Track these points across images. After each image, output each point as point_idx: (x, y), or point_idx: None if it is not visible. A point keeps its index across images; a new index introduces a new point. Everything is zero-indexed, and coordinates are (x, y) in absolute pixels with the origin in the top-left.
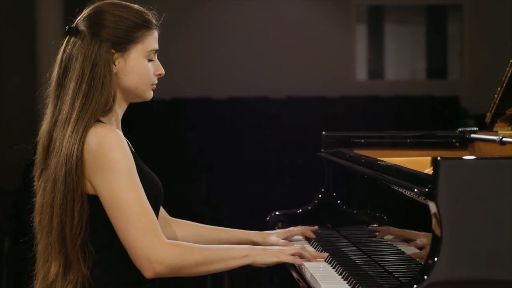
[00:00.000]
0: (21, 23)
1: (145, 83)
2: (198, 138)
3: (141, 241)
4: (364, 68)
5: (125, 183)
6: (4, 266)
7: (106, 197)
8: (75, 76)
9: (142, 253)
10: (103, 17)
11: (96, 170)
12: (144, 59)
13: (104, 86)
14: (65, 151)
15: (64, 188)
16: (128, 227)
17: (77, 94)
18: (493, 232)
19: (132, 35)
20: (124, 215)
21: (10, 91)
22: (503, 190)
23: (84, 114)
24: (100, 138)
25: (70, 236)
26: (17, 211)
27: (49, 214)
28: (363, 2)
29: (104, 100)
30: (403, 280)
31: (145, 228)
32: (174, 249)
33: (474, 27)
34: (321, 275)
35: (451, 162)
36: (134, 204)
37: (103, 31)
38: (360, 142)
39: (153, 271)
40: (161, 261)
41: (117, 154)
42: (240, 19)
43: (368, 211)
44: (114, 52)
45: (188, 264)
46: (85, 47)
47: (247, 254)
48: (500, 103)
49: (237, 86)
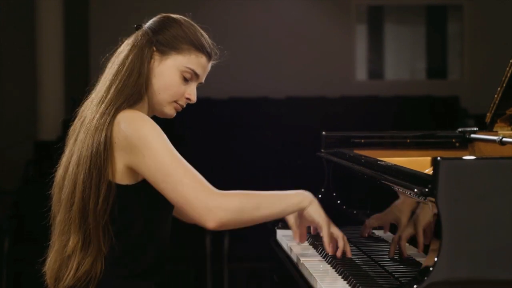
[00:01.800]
0: (21, 23)
1: (168, 94)
2: (198, 138)
3: (193, 193)
4: (364, 68)
5: (160, 148)
6: (4, 266)
7: (147, 169)
8: (119, 59)
9: (199, 203)
10: (168, 21)
11: (132, 150)
12: (177, 72)
13: (141, 76)
14: (94, 129)
15: (90, 164)
16: (176, 185)
17: (116, 77)
18: (493, 232)
19: (177, 43)
20: (168, 175)
21: (10, 91)
22: (503, 190)
23: (118, 98)
24: (129, 119)
25: (94, 214)
26: (17, 211)
27: (71, 189)
28: (363, 2)
29: (138, 90)
30: (403, 280)
31: (193, 180)
32: (229, 195)
33: (474, 27)
34: (321, 275)
35: (451, 162)
36: (175, 163)
37: (158, 30)
38: (360, 142)
39: (215, 218)
40: (220, 205)
41: (147, 127)
42: (240, 19)
43: (368, 212)
44: (155, 50)
45: (248, 206)
46: (138, 38)
47: (301, 201)
48: (500, 103)
49: (237, 86)
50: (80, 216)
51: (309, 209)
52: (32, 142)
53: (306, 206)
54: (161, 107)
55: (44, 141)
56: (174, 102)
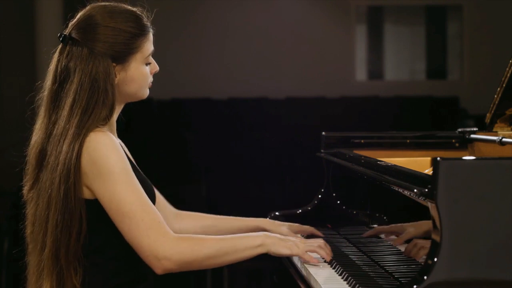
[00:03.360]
0: (21, 23)
1: (144, 87)
2: (197, 138)
3: (146, 241)
4: (364, 69)
5: (124, 185)
6: (4, 267)
7: (107, 202)
8: (72, 90)
9: (150, 252)
10: (98, 30)
11: (94, 177)
12: (143, 65)
13: (105, 101)
14: (61, 168)
15: (61, 206)
16: (132, 228)
17: (75, 110)
18: (493, 232)
19: (131, 47)
20: (126, 217)
21: (10, 91)
22: (503, 190)
23: (81, 129)
24: (94, 144)
25: (65, 254)
26: (17, 212)
27: (43, 231)
28: (362, 3)
29: (104, 115)
30: (403, 281)
31: (149, 227)
32: (182, 243)
33: (474, 28)
34: (321, 276)
35: (451, 163)
36: (135, 205)
37: (100, 46)
38: (360, 142)
39: (162, 268)
40: (169, 257)
41: (112, 157)
42: (240, 19)
43: (368, 212)
44: (115, 65)
45: (198, 258)
46: (83, 61)
47: (262, 243)
48: (499, 103)
49: (236, 86)
50: (52, 259)
51: (274, 249)
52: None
53: (268, 249)
54: (141, 97)
55: None
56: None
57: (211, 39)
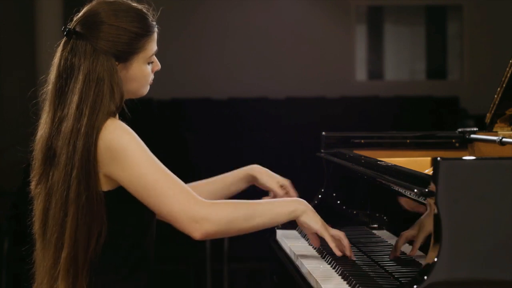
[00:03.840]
0: (21, 23)
1: (145, 85)
2: (197, 138)
3: (178, 206)
4: (364, 69)
5: (142, 160)
6: (4, 267)
7: (129, 182)
8: (78, 88)
9: (185, 216)
10: (102, 28)
11: (110, 161)
12: (145, 65)
13: (112, 98)
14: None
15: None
16: (161, 198)
17: (83, 109)
18: (493, 232)
19: (134, 46)
20: (152, 189)
21: (9, 91)
22: (503, 190)
23: (92, 129)
24: (111, 131)
25: (84, 256)
26: (17, 212)
27: (58, 233)
28: (362, 3)
29: (112, 111)
30: (403, 281)
31: (178, 192)
32: (217, 205)
33: (474, 28)
34: (321, 275)
35: (451, 163)
36: (157, 175)
37: (103, 44)
38: (360, 142)
39: (202, 231)
40: (207, 217)
41: (124, 137)
42: (240, 19)
43: (368, 212)
44: (118, 64)
45: (236, 217)
46: (87, 58)
47: (295, 209)
48: (500, 103)
49: (237, 86)
50: (70, 262)
51: (303, 217)
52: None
53: (299, 215)
54: (141, 94)
55: None
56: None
57: (211, 39)
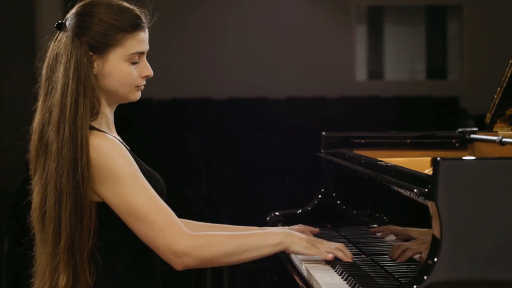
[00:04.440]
0: (21, 23)
1: (126, 86)
2: (198, 138)
3: (162, 241)
4: (364, 69)
5: (133, 188)
6: (4, 267)
7: (118, 206)
8: (61, 76)
9: (168, 251)
10: (86, 18)
11: (102, 181)
12: (125, 62)
13: (87, 89)
14: (68, 160)
15: (73, 200)
16: (147, 230)
17: (65, 97)
18: (493, 232)
19: (110, 39)
20: (139, 220)
21: (9, 91)
22: (503, 190)
23: (75, 119)
24: (98, 150)
25: (80, 248)
26: (17, 212)
27: (54, 223)
28: (362, 3)
29: (90, 104)
30: (403, 281)
31: (164, 227)
32: (200, 239)
33: (474, 28)
34: (320, 275)
35: (451, 163)
36: (147, 207)
37: (83, 33)
38: (360, 142)
39: (182, 264)
40: (188, 253)
41: (118, 161)
42: (240, 19)
43: (368, 212)
44: (92, 54)
45: (217, 254)
46: (68, 48)
47: (281, 242)
48: (500, 103)
49: (237, 86)
50: (68, 252)
51: (293, 248)
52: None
53: (287, 246)
54: (126, 97)
55: None
56: (135, 87)
57: (211, 39)
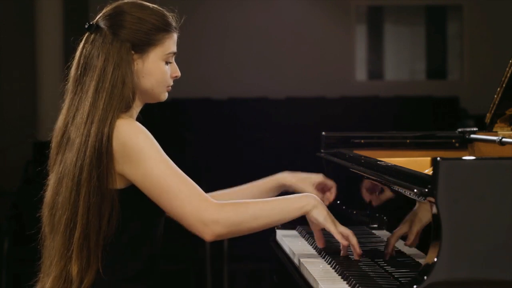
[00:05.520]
0: (21, 23)
1: (162, 85)
2: (197, 138)
3: (189, 209)
4: (364, 69)
5: (155, 160)
6: (4, 267)
7: (141, 181)
8: (96, 75)
9: (195, 219)
10: (123, 17)
11: (125, 160)
12: (162, 62)
13: (126, 85)
14: (92, 151)
15: (94, 189)
16: (172, 200)
17: (99, 94)
18: (493, 232)
19: (152, 38)
20: (164, 191)
21: (9, 91)
22: (503, 190)
23: (107, 113)
24: (121, 129)
25: (96, 237)
26: (17, 212)
27: (71, 212)
28: (362, 3)
29: (126, 99)
30: (403, 281)
31: (189, 195)
32: (226, 206)
33: (474, 28)
34: (320, 275)
35: (451, 163)
36: (170, 177)
37: (123, 32)
38: (360, 142)
39: (212, 233)
40: (216, 220)
41: (140, 137)
42: (240, 19)
43: (368, 212)
44: (134, 53)
45: (244, 218)
46: (106, 46)
47: (305, 204)
48: (500, 103)
49: (237, 86)
50: (81, 242)
51: (313, 212)
52: (32, 142)
53: (309, 210)
54: (157, 97)
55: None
56: (166, 87)
57: (211, 39)
